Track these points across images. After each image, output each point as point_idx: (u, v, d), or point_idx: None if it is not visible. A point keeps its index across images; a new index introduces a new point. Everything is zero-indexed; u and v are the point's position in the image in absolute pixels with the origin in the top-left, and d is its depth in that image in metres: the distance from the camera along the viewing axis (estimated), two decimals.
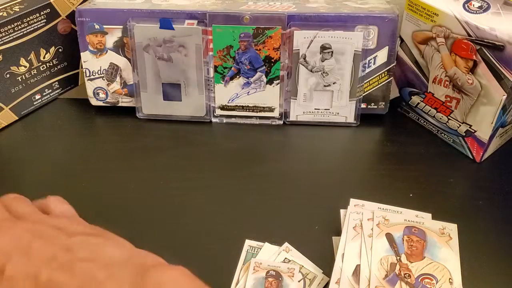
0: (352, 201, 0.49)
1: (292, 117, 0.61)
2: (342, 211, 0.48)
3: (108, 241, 0.31)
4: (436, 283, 0.41)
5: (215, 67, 0.59)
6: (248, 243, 0.46)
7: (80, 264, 0.28)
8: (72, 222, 0.33)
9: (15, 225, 0.30)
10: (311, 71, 0.58)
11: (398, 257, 0.43)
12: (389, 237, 0.45)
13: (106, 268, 0.28)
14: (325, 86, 0.59)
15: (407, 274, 0.42)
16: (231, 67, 0.59)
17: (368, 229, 0.46)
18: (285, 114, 0.62)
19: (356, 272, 0.41)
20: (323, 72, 0.58)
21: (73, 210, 0.36)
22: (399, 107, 0.63)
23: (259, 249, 0.45)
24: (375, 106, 0.61)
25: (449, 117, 0.57)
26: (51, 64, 0.64)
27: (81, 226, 0.33)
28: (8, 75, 0.59)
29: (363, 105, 0.61)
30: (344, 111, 0.60)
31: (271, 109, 0.61)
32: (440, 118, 0.58)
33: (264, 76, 0.59)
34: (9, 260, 0.28)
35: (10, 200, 0.34)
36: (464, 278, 0.42)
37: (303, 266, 0.43)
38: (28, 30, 0.59)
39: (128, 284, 0.27)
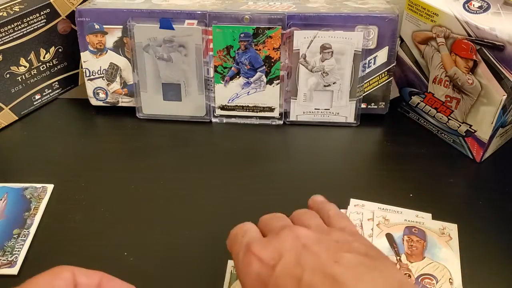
0: (352, 201, 0.49)
1: (292, 117, 0.61)
2: (342, 211, 0.48)
3: (382, 266, 0.30)
4: (436, 283, 0.41)
5: (215, 67, 0.59)
6: None
7: (344, 283, 0.28)
8: (354, 238, 0.34)
9: (297, 231, 0.33)
10: (311, 71, 0.58)
11: (398, 257, 0.43)
12: (389, 237, 0.45)
13: None
14: (325, 86, 0.59)
15: (407, 274, 0.42)
16: (231, 67, 0.59)
17: (368, 229, 0.46)
18: (285, 114, 0.62)
19: None
20: (323, 72, 0.58)
21: (354, 226, 0.37)
22: (399, 107, 0.63)
23: None
24: (375, 106, 0.61)
25: (449, 117, 0.57)
26: (51, 64, 0.64)
27: (360, 244, 0.33)
28: (8, 75, 0.59)
29: (363, 105, 0.61)
30: (344, 111, 0.60)
31: (271, 109, 0.61)
32: (440, 118, 0.58)
33: (264, 76, 0.59)
34: (281, 258, 0.31)
35: (300, 214, 0.37)
36: (464, 278, 0.42)
37: None
38: (28, 30, 0.59)
39: None
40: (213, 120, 0.62)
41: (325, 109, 0.60)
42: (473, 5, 0.51)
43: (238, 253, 0.34)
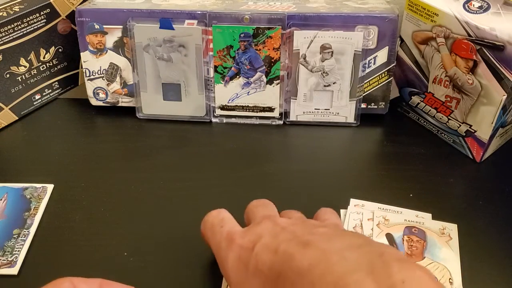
0: (352, 201, 0.49)
1: (292, 117, 0.61)
2: (342, 211, 0.48)
3: (352, 234, 0.34)
4: None
5: (215, 67, 0.59)
6: None
7: (316, 244, 0.31)
8: (330, 227, 0.36)
9: (277, 219, 0.36)
10: (311, 71, 0.58)
11: None
12: (389, 237, 0.45)
13: (339, 251, 0.30)
14: (325, 86, 0.59)
15: None
16: (231, 67, 0.59)
17: (368, 229, 0.46)
18: (285, 114, 0.62)
19: None
20: (323, 72, 0.58)
21: (339, 220, 0.41)
22: (399, 107, 0.63)
23: None
24: (375, 106, 0.61)
25: (449, 117, 0.57)
26: (51, 64, 0.64)
27: (335, 227, 0.36)
28: (8, 75, 0.59)
29: (363, 105, 0.61)
30: (344, 111, 0.60)
31: (271, 109, 0.61)
32: (440, 118, 0.58)
33: (264, 76, 0.59)
34: (259, 240, 0.34)
35: (287, 211, 0.42)
36: (464, 278, 0.42)
37: None
38: (28, 30, 0.59)
39: (363, 269, 0.28)
40: (213, 120, 0.62)
41: (325, 109, 0.61)
42: (473, 5, 0.51)
43: (220, 243, 0.37)
